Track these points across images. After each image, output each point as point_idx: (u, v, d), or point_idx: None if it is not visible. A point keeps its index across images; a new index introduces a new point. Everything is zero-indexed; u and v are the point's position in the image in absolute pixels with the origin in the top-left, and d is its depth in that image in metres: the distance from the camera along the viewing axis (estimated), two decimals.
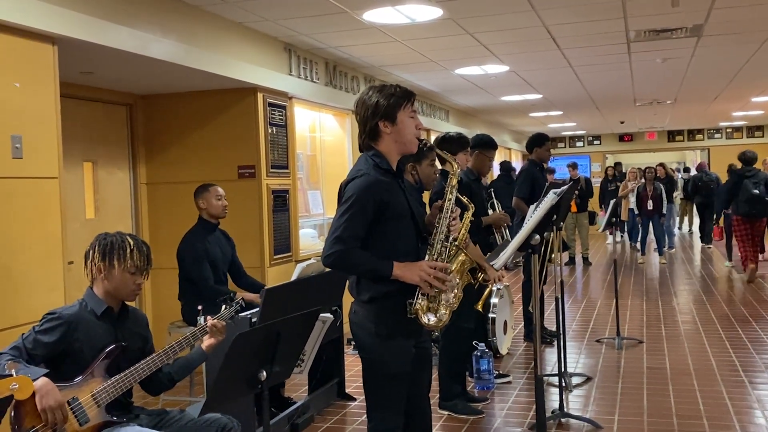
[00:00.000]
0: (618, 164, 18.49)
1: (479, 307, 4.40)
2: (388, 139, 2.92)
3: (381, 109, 2.88)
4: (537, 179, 6.84)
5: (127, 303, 3.17)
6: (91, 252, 3.04)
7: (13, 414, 2.69)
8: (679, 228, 18.88)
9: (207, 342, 3.15)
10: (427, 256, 2.91)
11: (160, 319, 6.21)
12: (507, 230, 5.78)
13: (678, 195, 16.77)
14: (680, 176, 19.60)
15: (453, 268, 2.96)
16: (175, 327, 5.16)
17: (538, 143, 7.02)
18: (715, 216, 12.60)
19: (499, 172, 13.26)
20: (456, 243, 2.98)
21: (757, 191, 9.46)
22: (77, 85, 5.67)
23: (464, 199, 3.13)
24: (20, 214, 3.90)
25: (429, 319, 2.87)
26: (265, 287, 4.29)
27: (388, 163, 2.93)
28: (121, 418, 2.95)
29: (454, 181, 3.02)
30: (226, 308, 3.28)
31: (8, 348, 2.83)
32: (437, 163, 4.67)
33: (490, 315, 6.16)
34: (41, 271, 4.02)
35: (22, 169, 3.92)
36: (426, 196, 4.92)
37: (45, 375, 2.74)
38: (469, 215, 3.11)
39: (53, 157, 4.14)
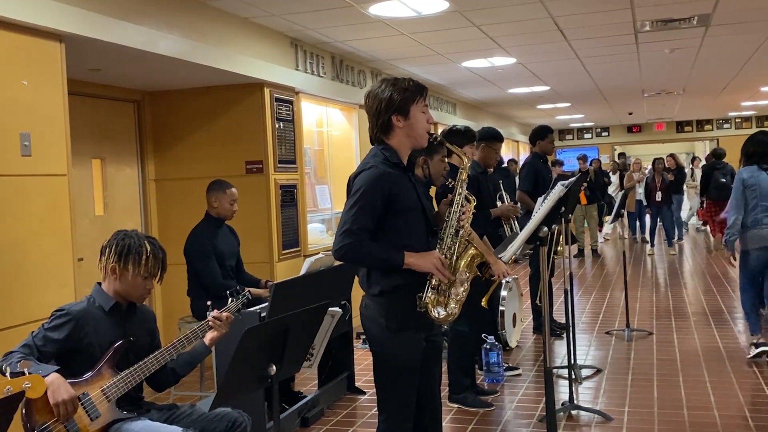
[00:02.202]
0: (622, 155, 18.40)
1: (484, 303, 4.40)
2: (400, 133, 2.92)
3: (395, 103, 2.88)
4: (541, 172, 6.82)
5: None
6: (107, 249, 3.04)
7: (24, 411, 2.71)
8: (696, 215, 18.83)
9: (209, 335, 3.16)
10: (437, 250, 2.91)
11: (170, 315, 6.24)
12: (516, 222, 5.77)
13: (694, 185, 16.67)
14: (690, 167, 19.53)
15: (462, 262, 2.96)
16: (184, 322, 5.18)
17: (541, 136, 6.99)
18: (701, 201, 14.40)
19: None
20: (465, 237, 2.98)
21: (724, 180, 11.29)
22: (85, 83, 5.68)
23: (465, 192, 3.13)
24: (30, 211, 3.92)
25: (439, 312, 2.87)
26: (274, 282, 4.30)
27: (399, 157, 2.93)
28: (132, 413, 2.97)
29: (465, 176, 3.02)
30: (232, 301, 3.29)
31: (19, 346, 2.85)
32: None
33: (499, 308, 6.16)
34: (51, 268, 4.04)
35: (32, 167, 3.94)
36: (431, 191, 4.91)
37: (56, 371, 2.76)
38: (470, 208, 3.11)
39: (62, 155, 4.16)
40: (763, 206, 5.50)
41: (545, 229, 3.76)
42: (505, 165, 12.36)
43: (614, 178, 15.28)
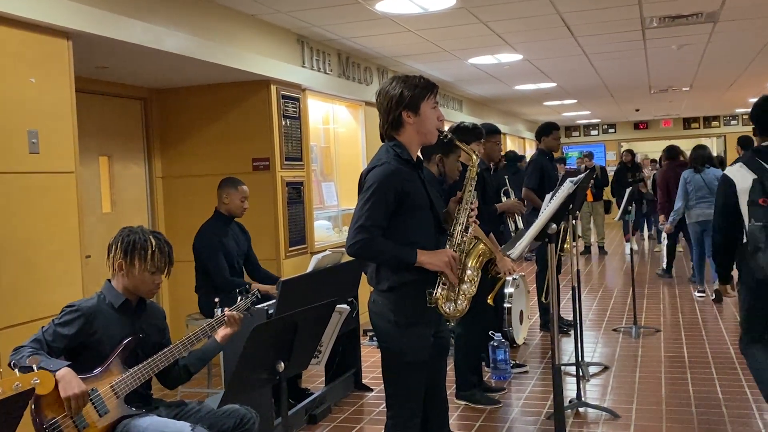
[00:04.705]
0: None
1: (490, 300, 4.40)
2: (410, 130, 2.95)
3: (405, 99, 2.92)
4: (546, 169, 6.79)
5: None
6: (114, 246, 3.06)
7: (33, 406, 2.72)
8: None
9: (222, 332, 3.16)
10: (447, 247, 2.92)
11: (178, 312, 6.25)
12: (520, 218, 5.74)
13: None
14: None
15: (471, 259, 2.96)
16: (192, 319, 5.19)
17: (546, 132, 6.99)
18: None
19: (505, 162, 13.13)
20: (475, 235, 2.99)
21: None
22: (92, 80, 5.69)
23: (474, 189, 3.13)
24: (38, 208, 3.93)
25: (449, 308, 2.88)
26: (281, 279, 4.30)
27: (409, 154, 2.96)
28: (140, 410, 2.98)
29: (474, 173, 3.03)
30: (242, 299, 3.30)
31: (29, 341, 2.86)
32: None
33: (506, 305, 6.14)
34: (59, 265, 4.05)
35: (39, 164, 3.95)
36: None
37: (67, 366, 2.77)
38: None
39: (69, 152, 4.16)
40: (698, 196, 8.12)
41: (554, 226, 3.75)
42: (521, 162, 12.32)
43: (646, 172, 14.61)
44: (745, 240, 3.71)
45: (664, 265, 10.14)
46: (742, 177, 3.76)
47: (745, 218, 3.71)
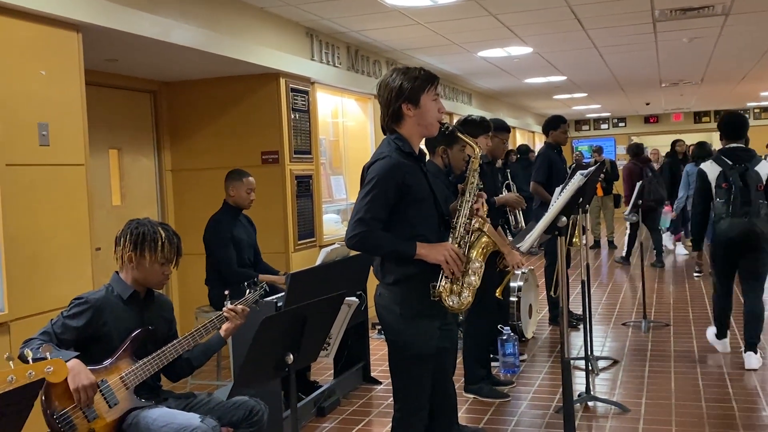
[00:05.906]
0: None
1: (499, 294, 4.39)
2: (410, 122, 2.93)
3: (405, 91, 2.89)
4: (554, 163, 6.75)
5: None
6: (122, 239, 3.06)
7: (43, 397, 2.73)
8: None
9: (224, 327, 3.16)
10: (450, 239, 2.91)
11: (187, 304, 6.27)
12: (521, 213, 5.71)
13: None
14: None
15: (475, 251, 2.95)
16: (202, 312, 5.20)
17: (554, 126, 6.95)
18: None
19: (517, 156, 13.11)
20: (478, 227, 2.97)
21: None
22: (102, 73, 5.70)
23: (477, 181, 3.11)
24: (48, 201, 3.94)
25: (452, 301, 2.88)
26: (290, 272, 4.31)
27: (410, 146, 2.94)
28: (150, 401, 2.99)
29: (476, 165, 3.02)
30: (250, 292, 3.30)
31: (38, 333, 2.88)
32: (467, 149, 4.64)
33: (512, 298, 6.12)
34: (69, 258, 4.07)
35: (49, 157, 3.96)
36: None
37: (75, 357, 2.78)
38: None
39: (79, 145, 4.18)
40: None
41: (564, 219, 3.73)
42: (529, 156, 12.29)
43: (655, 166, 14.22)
44: (713, 214, 5.32)
45: (624, 253, 11.03)
46: (711, 169, 5.33)
47: (713, 198, 5.30)
